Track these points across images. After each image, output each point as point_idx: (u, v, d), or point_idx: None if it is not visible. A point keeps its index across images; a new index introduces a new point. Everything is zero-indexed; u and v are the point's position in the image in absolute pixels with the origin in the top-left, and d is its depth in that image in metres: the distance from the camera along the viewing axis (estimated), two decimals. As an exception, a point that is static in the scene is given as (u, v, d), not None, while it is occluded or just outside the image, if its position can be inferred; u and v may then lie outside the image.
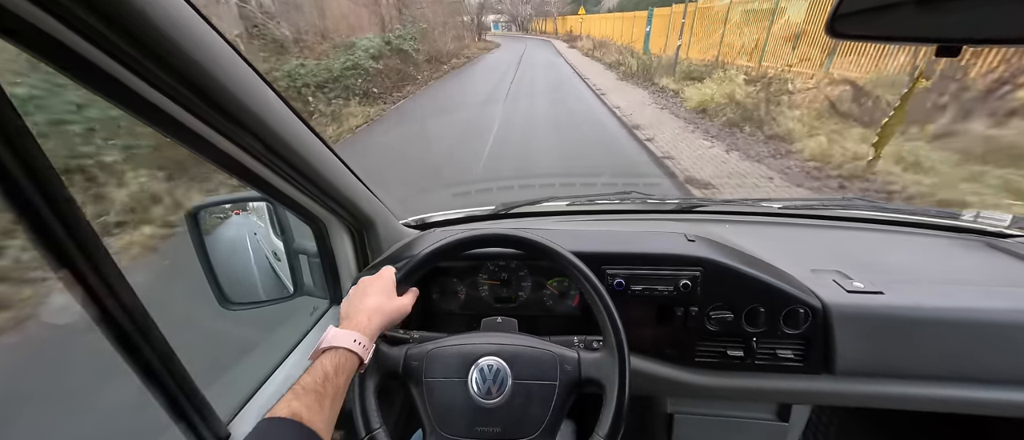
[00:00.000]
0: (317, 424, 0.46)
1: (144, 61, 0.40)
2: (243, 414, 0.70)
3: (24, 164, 0.35)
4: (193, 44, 0.42)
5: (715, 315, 0.84)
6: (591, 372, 0.67)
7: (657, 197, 1.30)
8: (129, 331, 0.45)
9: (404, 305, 0.68)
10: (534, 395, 0.65)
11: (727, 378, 0.88)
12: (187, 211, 0.84)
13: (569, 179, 3.86)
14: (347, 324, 0.59)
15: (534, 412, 0.64)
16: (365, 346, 0.57)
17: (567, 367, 0.67)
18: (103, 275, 0.42)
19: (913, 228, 1.13)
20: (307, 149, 0.64)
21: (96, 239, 0.41)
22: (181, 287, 1.76)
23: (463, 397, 0.64)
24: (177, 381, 0.52)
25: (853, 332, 0.80)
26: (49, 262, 0.39)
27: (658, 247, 0.86)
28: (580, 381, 0.67)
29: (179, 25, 0.41)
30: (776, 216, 1.20)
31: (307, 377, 0.51)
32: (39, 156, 0.36)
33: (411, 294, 0.72)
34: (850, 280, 0.86)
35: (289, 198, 0.74)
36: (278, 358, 0.84)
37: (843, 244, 1.08)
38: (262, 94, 0.53)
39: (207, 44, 0.44)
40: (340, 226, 0.91)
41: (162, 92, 0.44)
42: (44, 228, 0.37)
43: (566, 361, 0.67)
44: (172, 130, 0.49)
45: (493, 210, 1.28)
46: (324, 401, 0.49)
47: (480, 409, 0.63)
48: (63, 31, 0.35)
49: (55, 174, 0.38)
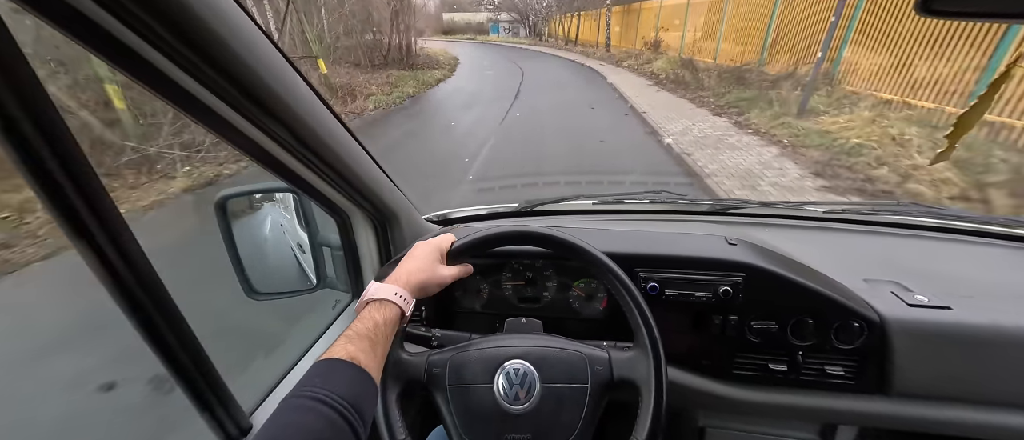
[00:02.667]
0: (371, 367, 0.49)
1: (182, 48, 0.38)
2: (265, 405, 0.69)
3: (58, 154, 0.34)
4: (230, 32, 0.41)
5: (757, 325, 0.78)
6: (624, 372, 0.63)
7: (689, 197, 1.24)
8: (157, 322, 0.44)
9: (445, 276, 0.66)
10: (565, 399, 0.61)
11: (767, 393, 0.82)
12: (215, 200, 0.84)
13: (596, 177, 3.71)
14: (388, 280, 0.61)
15: (565, 418, 0.61)
16: (405, 299, 0.59)
17: (598, 368, 0.63)
18: (133, 265, 0.41)
19: (974, 237, 1.03)
20: (335, 140, 0.63)
21: (127, 230, 0.40)
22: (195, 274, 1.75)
23: (490, 403, 0.61)
24: (203, 373, 0.51)
25: (915, 350, 0.73)
26: (80, 250, 0.38)
27: (696, 250, 0.80)
28: (612, 382, 0.63)
29: (217, 12, 0.39)
30: (820, 220, 1.12)
31: (359, 324, 0.54)
32: (73, 145, 0.36)
33: (459, 268, 0.70)
34: (910, 292, 0.79)
35: (315, 189, 0.73)
36: (300, 350, 0.84)
37: (897, 252, 0.99)
38: (293, 84, 0.52)
39: (244, 32, 0.43)
40: (364, 219, 0.90)
41: (197, 80, 0.42)
42: (76, 217, 0.36)
43: (597, 362, 0.64)
44: (204, 118, 0.48)
45: (517, 207, 1.24)
46: (376, 347, 0.52)
47: (508, 415, 0.60)
48: (99, 12, 0.34)
49: (87, 163, 0.37)
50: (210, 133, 0.50)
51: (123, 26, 0.35)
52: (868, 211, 1.12)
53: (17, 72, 0.31)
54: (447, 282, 0.67)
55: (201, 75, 0.42)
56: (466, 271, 0.70)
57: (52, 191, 0.34)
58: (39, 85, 0.32)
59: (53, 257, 2.72)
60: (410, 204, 0.99)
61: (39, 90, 0.32)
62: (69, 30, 0.34)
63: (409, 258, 0.66)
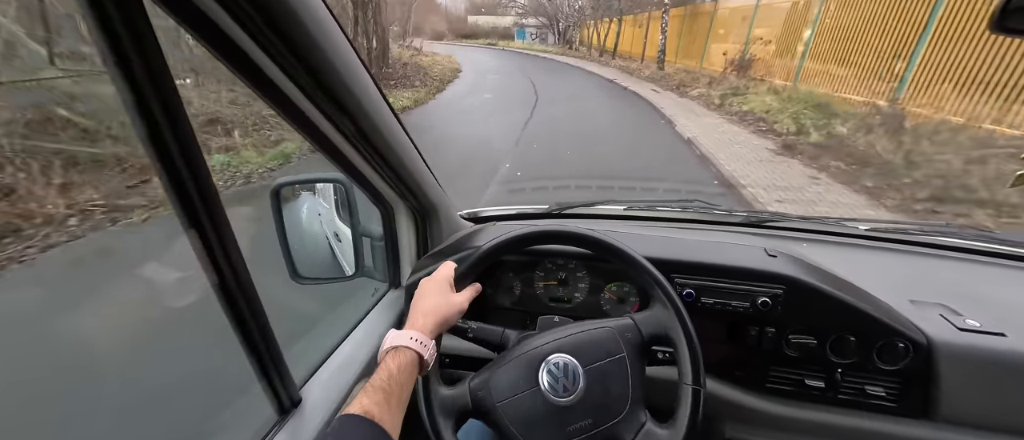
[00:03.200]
0: (386, 420, 0.50)
1: (276, 40, 0.42)
2: (311, 384, 0.73)
3: (185, 155, 0.39)
4: (316, 27, 0.45)
5: (795, 339, 0.77)
6: (652, 329, 0.65)
7: (723, 208, 1.23)
8: (236, 295, 0.49)
9: (460, 303, 0.67)
10: (608, 375, 0.62)
11: (801, 409, 0.81)
12: (272, 187, 0.90)
13: (629, 183, 3.62)
14: (406, 326, 0.62)
15: (615, 390, 0.62)
16: (422, 342, 0.58)
17: (628, 335, 0.65)
18: (224, 245, 0.45)
19: None
20: (392, 135, 0.66)
21: (227, 222, 0.45)
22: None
23: (541, 404, 0.61)
24: (267, 344, 0.55)
25: (964, 375, 0.71)
26: (189, 234, 0.43)
27: (735, 259, 0.80)
28: (645, 342, 0.65)
29: (307, 6, 0.43)
30: (862, 238, 1.09)
31: (375, 377, 0.54)
32: (196, 149, 0.41)
33: (470, 290, 0.70)
34: (960, 316, 0.76)
35: (367, 180, 0.77)
36: (342, 334, 0.88)
37: (945, 275, 0.96)
38: (363, 80, 0.56)
39: (327, 28, 0.47)
40: (406, 212, 0.93)
41: (282, 69, 0.46)
42: (192, 208, 0.42)
43: (625, 329, 0.66)
44: (282, 106, 0.52)
45: (547, 209, 1.26)
46: (391, 398, 0.52)
47: (562, 409, 0.61)
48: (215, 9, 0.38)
49: (206, 165, 0.42)
50: (286, 121, 0.55)
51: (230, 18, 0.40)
52: (915, 231, 1.08)
53: (163, 83, 0.36)
54: (464, 307, 0.67)
55: (286, 65, 0.46)
56: (475, 290, 0.71)
57: (178, 188, 0.40)
58: (176, 93, 0.37)
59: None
60: (448, 201, 1.03)
61: (176, 97, 0.37)
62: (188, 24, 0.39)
63: (419, 298, 0.65)
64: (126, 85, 0.33)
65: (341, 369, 0.78)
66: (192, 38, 0.41)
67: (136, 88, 0.34)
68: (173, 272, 2.16)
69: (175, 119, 0.37)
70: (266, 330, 0.55)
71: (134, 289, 2.24)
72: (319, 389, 0.72)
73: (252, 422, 0.64)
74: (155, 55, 0.34)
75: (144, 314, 2.05)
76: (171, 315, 1.96)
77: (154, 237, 2.89)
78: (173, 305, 2.00)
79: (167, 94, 0.36)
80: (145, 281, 2.25)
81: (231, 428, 0.65)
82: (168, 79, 0.36)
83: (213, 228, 0.43)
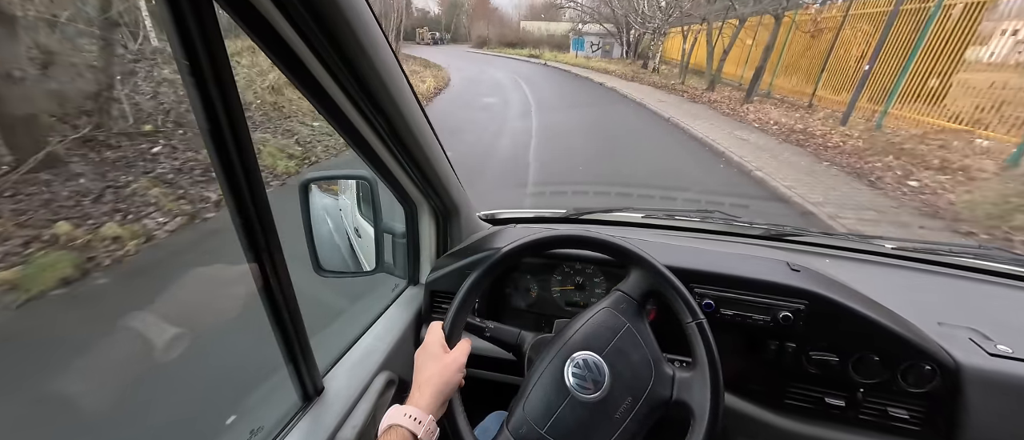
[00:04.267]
0: None
1: (325, 41, 0.45)
2: (334, 372, 0.76)
3: (242, 158, 0.42)
4: (362, 29, 0.47)
5: (817, 356, 0.76)
6: (639, 289, 0.66)
7: (744, 220, 1.21)
8: (274, 286, 0.51)
9: (456, 359, 0.64)
10: (624, 348, 0.64)
11: (820, 428, 0.79)
12: (301, 181, 0.93)
13: (648, 190, 3.59)
14: (408, 400, 0.60)
15: (636, 358, 0.63)
16: (418, 419, 0.57)
17: (622, 305, 0.67)
18: (267, 238, 0.48)
19: None
20: (423, 136, 0.68)
21: (268, 210, 0.48)
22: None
23: (582, 409, 0.59)
24: (297, 332, 0.57)
25: (993, 402, 0.68)
26: (238, 229, 0.46)
27: (757, 272, 0.80)
28: (638, 303, 0.67)
29: (354, 10, 0.45)
30: (889, 257, 1.06)
31: None
32: (251, 151, 0.44)
33: (463, 344, 0.67)
34: (990, 342, 0.74)
35: (394, 178, 0.79)
36: (362, 327, 0.90)
37: (976, 299, 0.93)
38: (399, 81, 0.58)
39: (371, 31, 0.49)
40: (429, 211, 0.96)
41: (326, 68, 0.49)
42: (243, 204, 0.44)
43: (618, 301, 0.67)
44: (323, 104, 0.54)
45: (565, 214, 1.27)
46: None
47: (602, 402, 0.60)
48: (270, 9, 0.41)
49: (257, 165, 0.45)
50: (325, 117, 0.57)
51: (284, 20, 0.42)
52: (944, 252, 1.05)
53: (227, 85, 0.38)
54: (462, 363, 0.64)
55: (331, 64, 0.49)
56: (468, 344, 0.68)
57: (234, 187, 0.43)
58: (237, 95, 0.39)
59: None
60: (469, 202, 1.04)
61: (236, 99, 0.39)
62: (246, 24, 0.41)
63: (417, 371, 0.63)
64: (194, 84, 0.36)
65: (361, 361, 0.80)
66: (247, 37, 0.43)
67: (203, 88, 0.37)
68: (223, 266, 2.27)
69: (234, 119, 0.40)
70: (297, 319, 0.57)
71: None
72: (341, 379, 0.74)
73: (277, 408, 0.67)
74: (221, 56, 0.37)
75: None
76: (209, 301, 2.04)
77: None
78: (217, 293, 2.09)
79: (229, 95, 0.38)
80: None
81: (256, 412, 0.67)
82: (230, 80, 0.38)
83: (259, 221, 0.46)
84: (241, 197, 0.43)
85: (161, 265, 2.67)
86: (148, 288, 2.45)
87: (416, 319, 0.98)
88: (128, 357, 0.48)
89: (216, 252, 2.79)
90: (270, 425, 0.63)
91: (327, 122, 0.59)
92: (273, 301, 0.53)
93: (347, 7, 0.44)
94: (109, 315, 2.14)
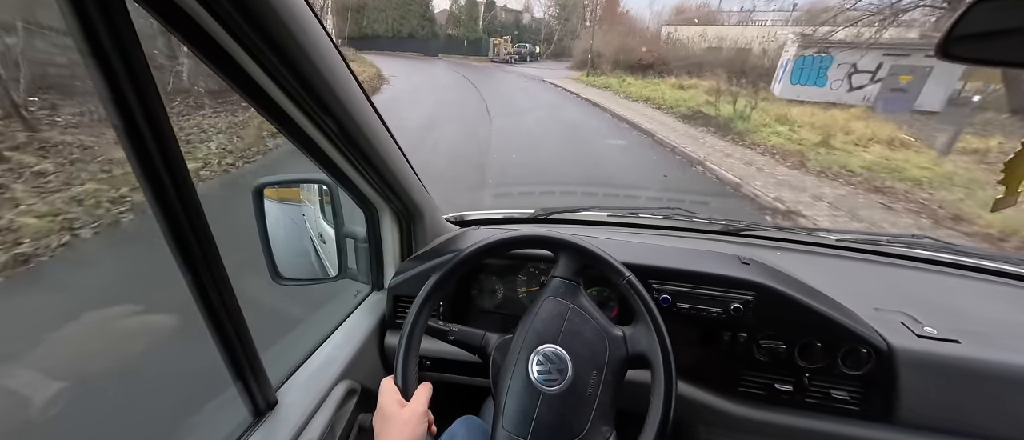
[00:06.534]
0: None
1: (259, 42, 0.43)
2: (289, 384, 0.73)
3: (162, 149, 0.40)
4: (298, 26, 0.45)
5: (766, 344, 0.80)
6: (636, 348, 0.65)
7: (703, 216, 1.26)
8: (212, 294, 0.48)
9: (414, 413, 0.60)
10: (578, 330, 0.65)
11: (771, 413, 0.84)
12: (253, 186, 0.89)
13: (613, 190, 3.77)
14: None
15: (589, 336, 0.65)
16: None
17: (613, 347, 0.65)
18: (201, 243, 0.45)
19: (991, 275, 1.04)
20: (376, 137, 0.67)
21: (201, 211, 0.45)
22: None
23: (557, 401, 0.60)
24: (243, 345, 0.55)
25: (921, 381, 0.74)
26: (162, 227, 0.43)
27: (709, 266, 0.83)
28: (627, 359, 0.65)
29: (291, 10, 0.44)
30: (832, 248, 1.13)
31: None
32: (173, 142, 0.41)
33: (421, 391, 0.63)
34: (919, 324, 0.80)
35: (351, 181, 0.77)
36: (322, 336, 0.87)
37: (909, 285, 1.00)
38: (346, 80, 0.56)
39: (308, 27, 0.47)
40: (391, 214, 0.94)
41: (265, 71, 0.47)
42: (166, 201, 0.42)
43: (615, 340, 0.66)
44: (265, 106, 0.52)
45: (532, 214, 1.28)
46: None
47: (546, 395, 0.61)
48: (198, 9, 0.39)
49: (182, 157, 0.42)
50: (268, 121, 0.55)
51: (213, 20, 0.40)
52: (881, 242, 1.13)
53: (143, 81, 0.36)
54: (422, 411, 0.61)
55: (268, 64, 0.46)
56: (427, 389, 0.64)
57: (156, 184, 0.40)
58: (156, 91, 0.37)
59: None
60: (434, 204, 1.03)
61: (155, 95, 0.37)
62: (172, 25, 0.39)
63: (378, 438, 0.60)
64: (104, 82, 0.34)
65: (319, 371, 0.77)
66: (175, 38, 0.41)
67: (115, 85, 0.34)
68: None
69: (153, 116, 0.37)
70: (242, 330, 0.54)
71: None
72: (296, 391, 0.71)
73: (224, 425, 0.63)
74: (136, 53, 0.34)
75: (117, 313, 1.99)
76: (141, 314, 1.91)
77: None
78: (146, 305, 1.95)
79: (146, 92, 0.36)
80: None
81: (202, 430, 0.64)
82: (148, 77, 0.36)
83: (190, 226, 0.43)
84: (168, 201, 0.41)
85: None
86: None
87: (380, 325, 0.96)
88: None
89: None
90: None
91: (272, 125, 0.56)
92: (214, 313, 0.50)
93: (281, 6, 0.42)
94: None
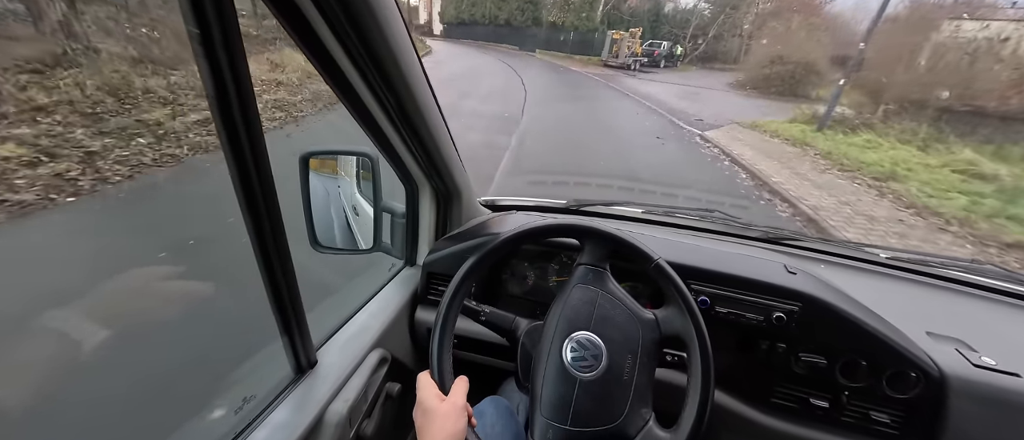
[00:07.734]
0: None
1: (341, 16, 0.44)
2: (328, 346, 0.76)
3: (243, 109, 0.41)
4: (378, 7, 0.46)
5: (805, 358, 0.77)
6: (670, 329, 0.65)
7: (743, 221, 1.22)
8: (273, 257, 0.51)
9: (454, 406, 0.59)
10: (610, 316, 0.65)
11: (803, 428, 0.81)
12: (301, 155, 0.92)
13: (650, 186, 3.65)
14: None
15: (621, 320, 0.64)
16: None
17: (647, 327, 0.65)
18: (269, 209, 0.48)
19: None
20: (431, 116, 0.67)
21: (272, 182, 0.47)
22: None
23: (593, 386, 0.61)
24: (293, 305, 0.57)
25: (974, 412, 0.70)
26: (236, 188, 0.45)
27: (753, 272, 0.80)
28: (662, 341, 0.65)
29: None
30: (883, 266, 1.07)
31: None
32: (258, 128, 0.43)
33: (459, 384, 0.63)
34: (976, 353, 0.75)
35: (399, 157, 0.78)
36: (357, 304, 0.90)
37: (965, 311, 0.94)
38: (411, 60, 0.57)
39: (386, 8, 0.48)
40: (430, 192, 0.95)
41: (341, 43, 0.48)
42: (242, 162, 0.44)
43: (647, 323, 0.65)
44: (333, 76, 0.53)
45: (565, 204, 1.27)
46: None
47: (602, 377, 0.61)
48: None
49: (258, 121, 0.44)
50: (334, 91, 0.56)
51: None
52: (937, 264, 1.06)
53: (238, 60, 0.38)
54: (461, 404, 0.60)
55: (346, 39, 0.47)
56: (464, 382, 0.64)
57: (238, 158, 0.43)
58: (246, 67, 0.39)
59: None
60: (471, 186, 1.04)
61: (244, 66, 0.39)
62: None
63: (420, 433, 0.59)
64: (202, 52, 0.35)
65: (356, 337, 0.80)
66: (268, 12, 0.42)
67: (211, 54, 0.36)
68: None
69: (241, 87, 0.39)
70: (295, 293, 0.57)
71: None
72: (334, 353, 0.74)
73: (270, 378, 0.67)
74: (232, 27, 0.36)
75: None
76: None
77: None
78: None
79: (237, 63, 0.38)
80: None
81: (249, 380, 0.68)
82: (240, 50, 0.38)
83: (263, 195, 0.45)
84: (245, 168, 0.43)
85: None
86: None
87: (412, 299, 0.99)
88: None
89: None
90: (262, 394, 0.63)
91: (335, 95, 0.57)
92: (272, 272, 0.53)
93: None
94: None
